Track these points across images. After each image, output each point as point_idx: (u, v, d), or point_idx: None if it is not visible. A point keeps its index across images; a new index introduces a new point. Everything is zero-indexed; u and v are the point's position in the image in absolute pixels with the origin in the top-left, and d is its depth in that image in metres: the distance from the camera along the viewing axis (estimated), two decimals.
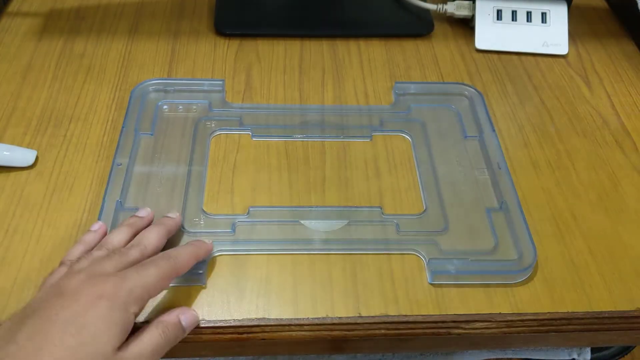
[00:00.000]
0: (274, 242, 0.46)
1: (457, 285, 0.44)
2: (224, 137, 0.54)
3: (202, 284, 0.43)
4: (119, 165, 0.49)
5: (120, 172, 0.49)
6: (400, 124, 0.56)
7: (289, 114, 0.56)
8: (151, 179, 0.49)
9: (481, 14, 0.66)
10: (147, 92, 0.56)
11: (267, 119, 0.55)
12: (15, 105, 0.56)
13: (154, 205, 0.47)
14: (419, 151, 0.53)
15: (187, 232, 0.46)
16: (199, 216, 0.47)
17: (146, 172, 0.50)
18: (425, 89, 0.59)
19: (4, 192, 0.48)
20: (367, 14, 0.68)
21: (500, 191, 0.49)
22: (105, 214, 0.46)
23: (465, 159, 0.53)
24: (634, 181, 0.52)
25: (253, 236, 0.46)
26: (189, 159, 0.51)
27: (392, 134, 0.55)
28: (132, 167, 0.50)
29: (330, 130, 0.55)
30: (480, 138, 0.54)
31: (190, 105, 0.56)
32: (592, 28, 0.69)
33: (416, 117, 0.57)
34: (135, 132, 0.52)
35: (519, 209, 0.48)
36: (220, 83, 0.58)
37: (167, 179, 0.49)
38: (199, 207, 0.48)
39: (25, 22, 0.66)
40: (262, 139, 0.54)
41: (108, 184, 0.48)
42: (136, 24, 0.66)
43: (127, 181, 0.48)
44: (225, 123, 0.55)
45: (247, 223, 0.47)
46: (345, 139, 0.54)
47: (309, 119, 0.55)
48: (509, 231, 0.47)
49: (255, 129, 0.54)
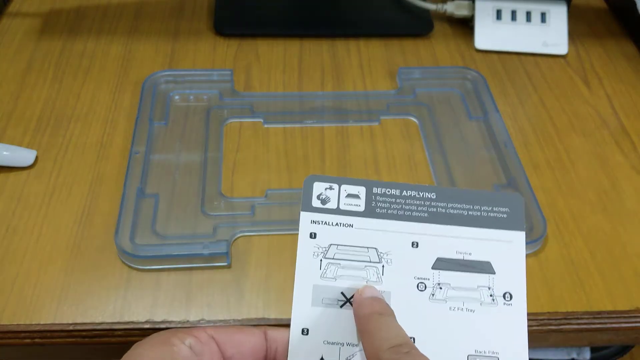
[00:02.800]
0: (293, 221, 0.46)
1: None
2: (236, 125, 0.55)
3: (227, 264, 0.44)
4: (136, 153, 0.50)
5: (138, 160, 0.50)
6: (406, 108, 0.58)
7: (298, 101, 0.58)
8: (168, 166, 0.50)
9: (481, 14, 0.66)
10: (158, 84, 0.57)
11: (277, 106, 0.57)
12: (15, 105, 0.56)
13: (174, 190, 0.48)
14: (426, 132, 0.55)
15: (208, 214, 0.47)
16: (218, 200, 0.48)
17: (163, 159, 0.51)
18: (429, 74, 0.61)
19: (4, 192, 0.48)
20: (367, 14, 0.68)
21: (508, 168, 0.51)
22: (126, 201, 0.46)
23: (472, 138, 0.55)
24: (633, 181, 0.52)
25: (272, 217, 0.47)
26: (204, 146, 0.52)
27: (399, 117, 0.56)
28: (149, 155, 0.51)
29: (339, 116, 0.56)
30: (485, 119, 0.56)
31: (201, 95, 0.57)
32: (591, 28, 0.69)
33: (422, 101, 0.58)
34: (150, 122, 0.53)
35: (527, 184, 0.49)
36: (228, 73, 0.59)
37: (185, 166, 0.51)
38: (218, 190, 0.49)
39: (25, 22, 0.66)
40: (274, 125, 0.55)
41: (127, 172, 0.48)
42: (136, 24, 0.66)
43: (145, 169, 0.50)
44: (236, 111, 0.56)
45: (265, 205, 0.48)
46: (354, 124, 0.56)
47: (318, 105, 0.57)
48: None
49: (266, 115, 0.56)
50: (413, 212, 0.34)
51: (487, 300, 0.32)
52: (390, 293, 0.32)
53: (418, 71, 0.61)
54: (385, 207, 0.34)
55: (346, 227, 0.33)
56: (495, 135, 0.54)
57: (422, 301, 0.32)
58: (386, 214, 0.33)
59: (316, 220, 0.33)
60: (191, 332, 0.30)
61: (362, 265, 0.33)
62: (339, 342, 0.31)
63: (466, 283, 0.32)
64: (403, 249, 0.33)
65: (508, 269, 0.33)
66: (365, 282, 0.32)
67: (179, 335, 0.29)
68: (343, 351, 0.31)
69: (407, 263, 0.33)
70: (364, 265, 0.33)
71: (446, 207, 0.34)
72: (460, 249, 0.33)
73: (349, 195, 0.34)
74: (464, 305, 0.32)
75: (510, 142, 0.53)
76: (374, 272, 0.33)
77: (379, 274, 0.33)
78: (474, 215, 0.34)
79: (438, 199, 0.34)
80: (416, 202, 0.34)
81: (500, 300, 0.32)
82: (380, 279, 0.32)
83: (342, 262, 0.33)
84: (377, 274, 0.33)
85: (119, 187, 0.48)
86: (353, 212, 0.33)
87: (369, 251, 0.33)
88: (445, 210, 0.34)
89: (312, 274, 0.32)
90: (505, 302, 0.32)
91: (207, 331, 0.30)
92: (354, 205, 0.33)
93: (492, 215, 0.34)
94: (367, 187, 0.34)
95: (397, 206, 0.34)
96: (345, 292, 0.32)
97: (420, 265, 0.33)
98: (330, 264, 0.32)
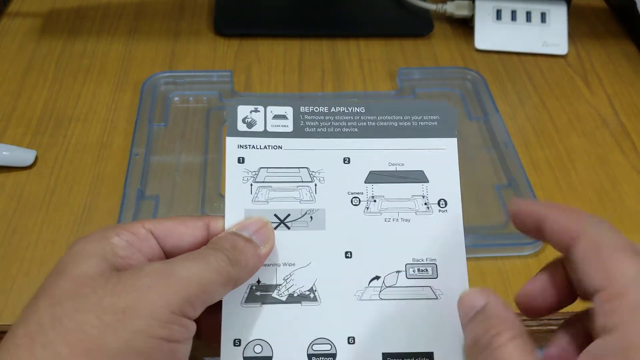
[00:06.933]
0: None
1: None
2: None
3: None
4: (136, 155, 0.50)
5: (138, 162, 0.50)
6: None
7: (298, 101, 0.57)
8: (168, 167, 0.50)
9: (481, 14, 0.66)
10: (158, 85, 0.57)
11: None
12: (15, 105, 0.56)
13: (174, 192, 0.48)
14: None
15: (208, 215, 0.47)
16: (218, 201, 0.48)
17: (163, 161, 0.51)
18: (429, 74, 0.61)
19: (4, 192, 0.48)
20: (367, 13, 0.68)
21: (509, 168, 0.51)
22: (127, 203, 0.46)
23: (472, 139, 0.55)
24: (633, 181, 0.52)
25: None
26: (204, 148, 0.52)
27: None
28: (149, 156, 0.51)
29: None
30: (485, 119, 0.56)
31: (201, 96, 0.57)
32: (591, 28, 0.69)
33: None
34: (149, 124, 0.53)
35: (528, 184, 0.49)
36: (228, 74, 0.59)
37: (185, 167, 0.51)
38: (218, 192, 0.49)
39: (25, 22, 0.66)
40: None
41: (127, 174, 0.48)
42: (136, 24, 0.66)
43: (145, 170, 0.49)
44: None
45: None
46: None
47: None
48: None
49: None
50: (343, 129, 0.33)
51: (422, 208, 0.32)
52: (324, 210, 0.32)
53: (418, 71, 0.61)
54: (314, 125, 0.33)
55: (275, 149, 0.32)
56: (495, 135, 0.54)
57: (357, 215, 0.32)
58: (315, 132, 0.33)
59: (243, 144, 0.32)
60: (129, 227, 0.29)
61: (294, 186, 0.32)
62: (276, 263, 0.31)
63: (400, 194, 0.32)
64: (335, 165, 0.32)
65: (441, 177, 0.33)
66: (299, 202, 0.32)
67: (116, 230, 0.29)
68: (280, 271, 0.31)
69: (340, 179, 0.32)
70: (296, 185, 0.32)
71: (376, 120, 0.33)
72: (393, 161, 0.33)
73: (275, 117, 0.33)
74: (399, 215, 0.32)
75: (511, 142, 0.53)
76: (307, 192, 0.32)
77: (312, 192, 0.32)
78: (405, 125, 0.33)
79: (367, 112, 0.33)
80: (345, 118, 0.33)
81: (435, 207, 0.32)
82: (314, 197, 0.32)
83: (274, 185, 0.32)
84: (310, 192, 0.32)
85: (118, 187, 0.48)
86: (281, 133, 0.33)
87: (300, 171, 0.32)
88: (376, 123, 0.33)
89: (243, 198, 0.31)
90: (440, 209, 0.32)
91: (145, 225, 0.29)
92: (282, 127, 0.33)
93: (422, 124, 0.33)
94: (294, 106, 0.33)
95: (326, 123, 0.33)
96: (278, 214, 0.32)
97: (353, 180, 0.32)
98: (262, 187, 0.32)
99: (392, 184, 0.32)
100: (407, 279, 0.31)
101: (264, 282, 0.30)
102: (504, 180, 0.51)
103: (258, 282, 0.30)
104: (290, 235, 0.31)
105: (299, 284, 0.31)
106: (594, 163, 0.53)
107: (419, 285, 0.31)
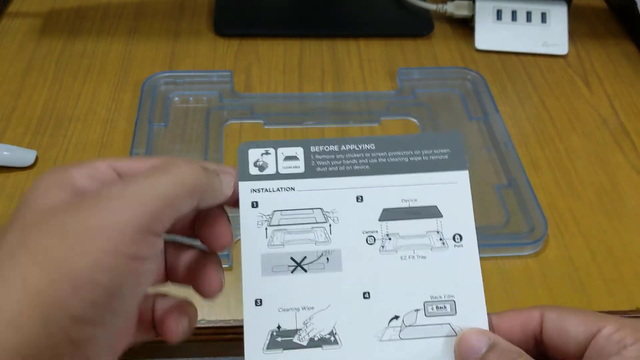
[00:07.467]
0: None
1: None
2: (236, 126, 0.55)
3: (228, 265, 0.43)
4: (136, 155, 0.50)
5: None
6: (406, 108, 0.58)
7: (298, 102, 0.58)
8: None
9: (481, 14, 0.66)
10: (158, 85, 0.57)
11: (277, 107, 0.57)
12: (15, 105, 0.56)
13: None
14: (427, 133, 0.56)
15: None
16: None
17: None
18: (429, 74, 0.61)
19: (4, 192, 0.48)
20: (367, 14, 0.68)
21: (509, 168, 0.51)
22: None
23: (472, 139, 0.55)
24: (633, 181, 0.52)
25: None
26: (204, 148, 0.52)
27: (400, 118, 0.57)
28: None
29: (339, 117, 0.56)
30: (485, 119, 0.56)
31: (201, 97, 0.57)
32: (591, 28, 0.69)
33: (422, 101, 0.58)
34: (149, 124, 0.53)
35: (528, 184, 0.49)
36: (228, 74, 0.59)
37: None
38: None
39: (25, 22, 0.66)
40: (274, 126, 0.55)
41: None
42: (136, 24, 0.66)
43: None
44: (236, 113, 0.56)
45: None
46: (355, 124, 0.56)
47: (318, 107, 0.57)
48: (519, 206, 0.48)
49: (267, 117, 0.56)
50: (354, 166, 0.33)
51: (437, 244, 0.32)
52: (340, 251, 0.32)
53: (418, 72, 0.61)
54: (326, 164, 0.33)
55: (288, 191, 0.32)
56: (495, 135, 0.54)
57: (373, 254, 0.32)
58: (327, 172, 0.33)
59: (256, 188, 0.32)
60: (89, 162, 0.29)
61: (309, 228, 0.32)
62: (295, 308, 0.31)
63: (415, 230, 0.32)
64: (348, 205, 0.32)
65: (455, 210, 0.32)
66: (314, 243, 0.32)
67: (77, 165, 0.28)
68: (300, 316, 0.31)
69: (354, 218, 0.32)
70: (311, 227, 0.32)
71: (387, 156, 0.33)
72: (406, 197, 0.32)
73: (287, 158, 0.33)
74: (414, 253, 0.32)
75: (511, 142, 0.53)
76: (322, 233, 0.32)
77: (327, 233, 0.32)
78: (416, 160, 0.33)
79: (377, 149, 0.33)
80: (356, 156, 0.33)
81: (450, 242, 0.32)
82: (329, 238, 0.32)
83: (289, 228, 0.32)
84: (325, 233, 0.32)
85: None
86: (293, 174, 0.32)
87: (314, 212, 0.32)
88: (386, 159, 0.33)
89: (259, 243, 0.31)
90: (456, 244, 0.32)
91: (106, 160, 0.29)
92: (293, 168, 0.33)
93: (433, 158, 0.33)
94: (305, 146, 0.33)
95: (338, 162, 0.33)
96: (295, 257, 0.31)
97: (367, 218, 0.32)
98: (276, 231, 0.32)
99: (406, 220, 0.32)
100: (426, 317, 0.31)
101: (284, 328, 0.30)
102: (504, 180, 0.51)
103: (279, 328, 0.30)
104: (307, 278, 0.31)
105: (319, 327, 0.31)
106: (594, 163, 0.53)
107: (438, 323, 0.31)
